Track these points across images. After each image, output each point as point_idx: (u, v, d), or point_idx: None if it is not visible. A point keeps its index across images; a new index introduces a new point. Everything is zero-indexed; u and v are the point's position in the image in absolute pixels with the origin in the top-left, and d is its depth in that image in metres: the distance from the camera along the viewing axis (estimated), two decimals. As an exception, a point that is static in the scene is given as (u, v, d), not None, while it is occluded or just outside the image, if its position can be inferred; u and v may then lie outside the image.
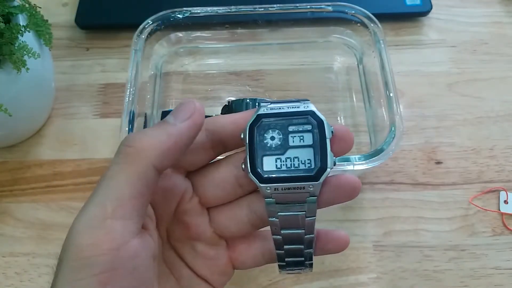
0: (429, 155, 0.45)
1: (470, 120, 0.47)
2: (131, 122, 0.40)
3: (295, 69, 0.50)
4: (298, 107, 0.23)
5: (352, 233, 0.41)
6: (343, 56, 0.51)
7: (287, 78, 0.50)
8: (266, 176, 0.22)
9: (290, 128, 0.23)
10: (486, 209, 0.42)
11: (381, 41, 0.44)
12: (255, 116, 0.23)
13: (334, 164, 0.22)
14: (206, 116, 0.28)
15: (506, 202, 0.42)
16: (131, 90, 0.42)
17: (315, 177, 0.22)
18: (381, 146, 0.38)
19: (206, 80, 0.50)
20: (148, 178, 0.20)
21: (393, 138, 0.38)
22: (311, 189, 0.22)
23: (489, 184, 0.43)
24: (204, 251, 0.26)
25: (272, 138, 0.23)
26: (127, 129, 0.39)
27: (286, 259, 0.25)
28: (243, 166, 0.23)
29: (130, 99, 0.41)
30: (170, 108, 0.48)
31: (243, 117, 0.24)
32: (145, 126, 0.44)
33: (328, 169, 0.22)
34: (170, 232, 0.26)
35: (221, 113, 0.46)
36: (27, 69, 0.38)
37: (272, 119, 0.23)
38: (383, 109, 0.41)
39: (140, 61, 0.44)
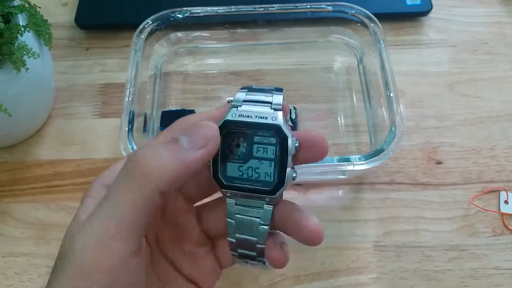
0: (429, 155, 0.45)
1: (470, 120, 0.47)
2: (131, 122, 0.40)
3: (295, 69, 0.50)
4: (266, 118, 0.23)
5: (352, 233, 0.41)
6: (343, 56, 0.51)
7: (287, 78, 0.50)
8: (227, 183, 0.23)
9: (256, 139, 0.23)
10: (486, 209, 0.42)
11: (381, 41, 0.44)
12: (222, 121, 0.23)
13: (294, 179, 0.23)
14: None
15: (506, 202, 0.42)
16: (131, 90, 0.42)
17: (272, 192, 0.23)
18: (381, 146, 0.38)
19: (206, 80, 0.50)
20: (153, 202, 0.20)
21: (393, 138, 0.38)
22: (268, 200, 0.23)
23: (489, 184, 0.43)
24: (193, 251, 0.26)
25: (237, 146, 0.23)
26: (127, 129, 0.39)
27: (241, 259, 0.25)
28: (207, 169, 0.23)
29: (130, 99, 0.41)
30: (170, 108, 0.48)
31: (220, 113, 0.24)
32: (144, 126, 0.44)
33: (283, 187, 0.22)
34: (159, 237, 0.26)
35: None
36: (27, 69, 0.38)
37: (239, 127, 0.23)
38: (383, 109, 0.41)
39: (140, 61, 0.44)
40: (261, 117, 0.23)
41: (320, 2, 0.47)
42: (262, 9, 0.47)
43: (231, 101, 0.47)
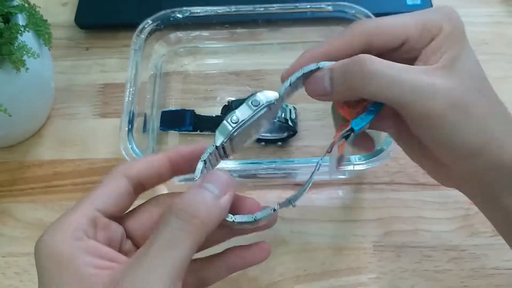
0: (429, 155, 0.45)
1: (470, 120, 0.47)
2: (130, 122, 0.40)
3: (295, 69, 0.50)
4: None
5: (352, 233, 0.41)
6: (343, 56, 0.51)
7: (287, 78, 0.50)
8: None
9: None
10: (486, 209, 0.42)
11: (381, 41, 0.44)
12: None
13: None
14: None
15: (506, 202, 0.42)
16: (131, 90, 0.42)
17: None
18: (381, 146, 0.38)
19: (206, 80, 0.50)
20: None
21: (393, 138, 0.38)
22: None
23: (489, 184, 0.43)
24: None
25: None
26: (126, 129, 0.39)
27: None
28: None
29: (130, 99, 0.41)
30: (170, 108, 0.48)
31: (157, 160, 0.26)
32: (144, 126, 0.44)
33: None
34: None
35: (221, 113, 0.46)
36: (27, 69, 0.38)
37: None
38: (383, 109, 0.41)
39: (139, 61, 0.44)
40: None
41: (320, 2, 0.47)
42: (262, 9, 0.47)
43: (231, 101, 0.47)
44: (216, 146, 0.26)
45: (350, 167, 0.38)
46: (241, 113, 0.26)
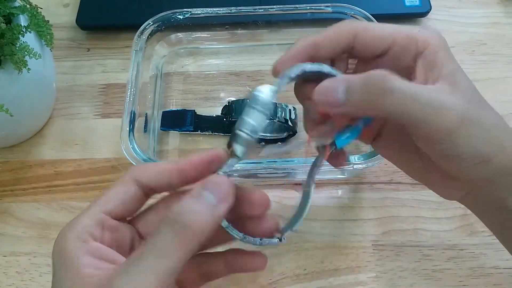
0: (428, 155, 0.45)
1: (469, 120, 0.47)
2: (132, 122, 0.40)
3: (295, 69, 0.51)
4: None
5: (351, 233, 0.41)
6: (343, 57, 0.51)
7: (287, 78, 0.50)
8: None
9: None
10: (485, 209, 0.42)
11: (380, 42, 0.44)
12: None
13: None
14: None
15: (504, 201, 0.42)
16: (132, 90, 0.42)
17: None
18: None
19: (207, 80, 0.50)
20: (195, 253, 0.23)
21: (392, 138, 0.38)
22: None
23: (488, 184, 0.43)
24: None
25: None
26: (128, 129, 0.40)
27: None
28: None
29: (131, 99, 0.41)
30: (171, 108, 0.48)
31: (168, 169, 0.26)
32: (145, 126, 0.44)
33: None
34: None
35: (221, 113, 0.46)
36: (28, 69, 0.38)
37: None
38: (382, 109, 0.41)
39: (140, 61, 0.44)
40: None
41: (319, 3, 0.47)
42: (262, 10, 0.47)
43: (231, 101, 0.47)
44: (238, 157, 0.25)
45: (350, 167, 0.38)
46: (254, 120, 0.25)
